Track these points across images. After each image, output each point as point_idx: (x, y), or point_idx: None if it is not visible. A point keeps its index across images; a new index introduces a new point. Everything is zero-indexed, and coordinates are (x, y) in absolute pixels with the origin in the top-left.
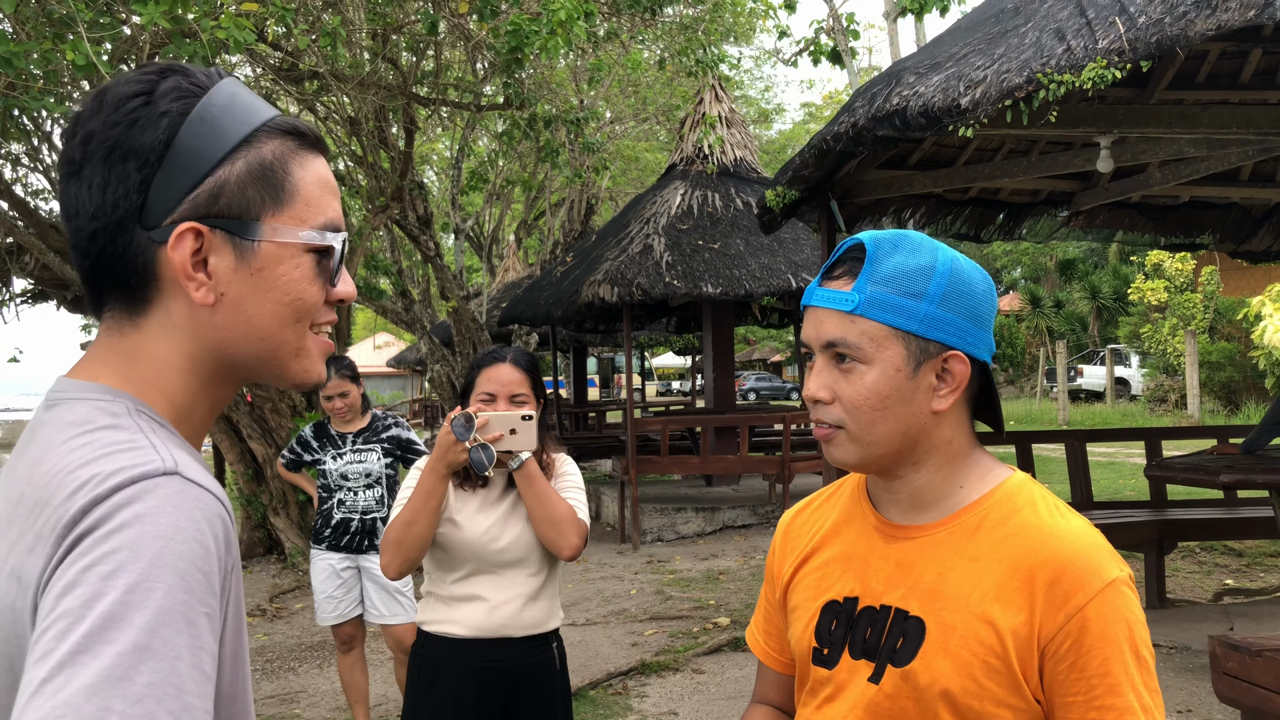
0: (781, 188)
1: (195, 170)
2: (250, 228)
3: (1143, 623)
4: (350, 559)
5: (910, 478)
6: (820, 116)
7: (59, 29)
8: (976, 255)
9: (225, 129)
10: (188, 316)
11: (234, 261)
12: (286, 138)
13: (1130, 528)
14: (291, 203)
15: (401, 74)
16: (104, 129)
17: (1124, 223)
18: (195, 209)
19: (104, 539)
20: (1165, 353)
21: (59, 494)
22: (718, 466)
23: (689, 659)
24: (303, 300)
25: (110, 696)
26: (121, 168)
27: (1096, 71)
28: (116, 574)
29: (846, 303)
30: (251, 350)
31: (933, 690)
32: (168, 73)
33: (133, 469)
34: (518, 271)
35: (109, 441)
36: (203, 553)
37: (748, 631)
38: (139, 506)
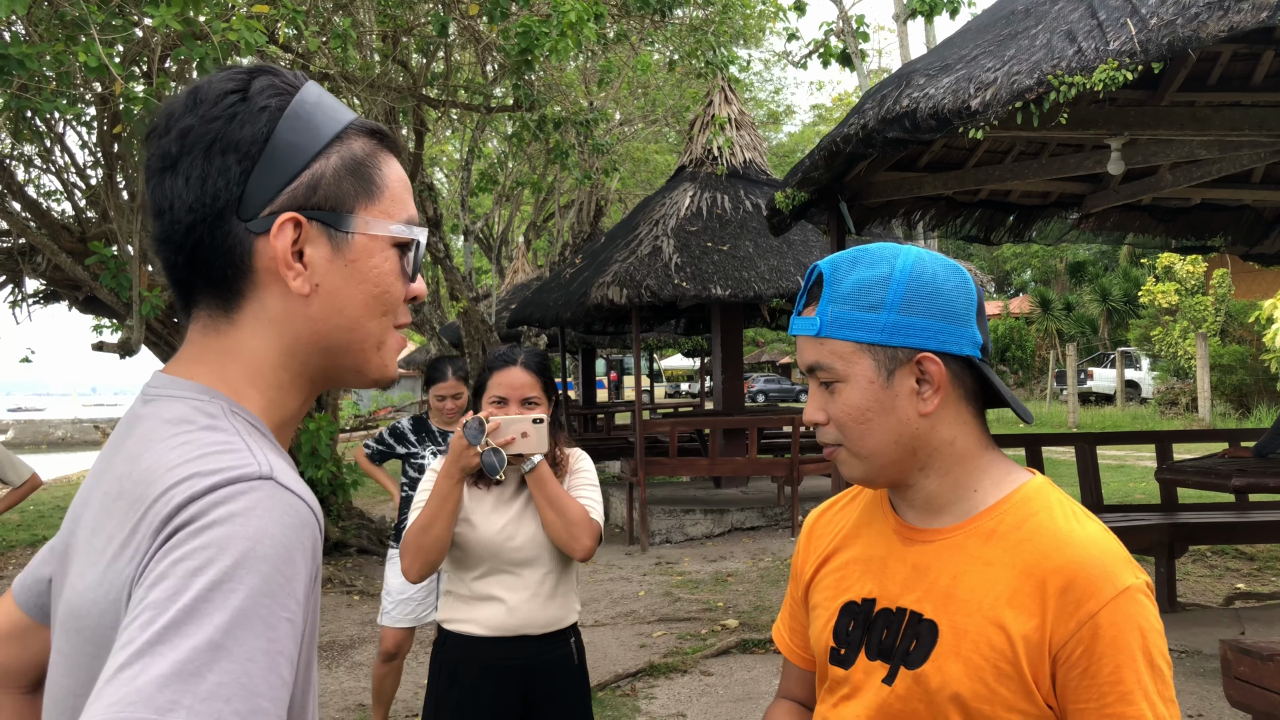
0: (791, 189)
1: (293, 163)
2: (345, 219)
3: (1159, 631)
4: None
5: (921, 483)
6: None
7: (71, 31)
8: (985, 257)
9: (319, 124)
10: (282, 308)
11: (329, 252)
12: (370, 137)
13: (1140, 531)
14: (380, 197)
15: (411, 76)
16: (202, 124)
17: (1135, 225)
18: (294, 200)
19: (194, 534)
20: (1176, 356)
21: (157, 489)
22: (726, 468)
23: (697, 661)
24: (389, 293)
25: (181, 690)
26: (221, 160)
27: (1107, 73)
28: (201, 570)
29: (812, 327)
30: (342, 340)
31: (944, 693)
32: (258, 72)
33: (230, 471)
34: (527, 273)
35: (208, 442)
36: (288, 558)
37: (774, 628)
38: (231, 506)
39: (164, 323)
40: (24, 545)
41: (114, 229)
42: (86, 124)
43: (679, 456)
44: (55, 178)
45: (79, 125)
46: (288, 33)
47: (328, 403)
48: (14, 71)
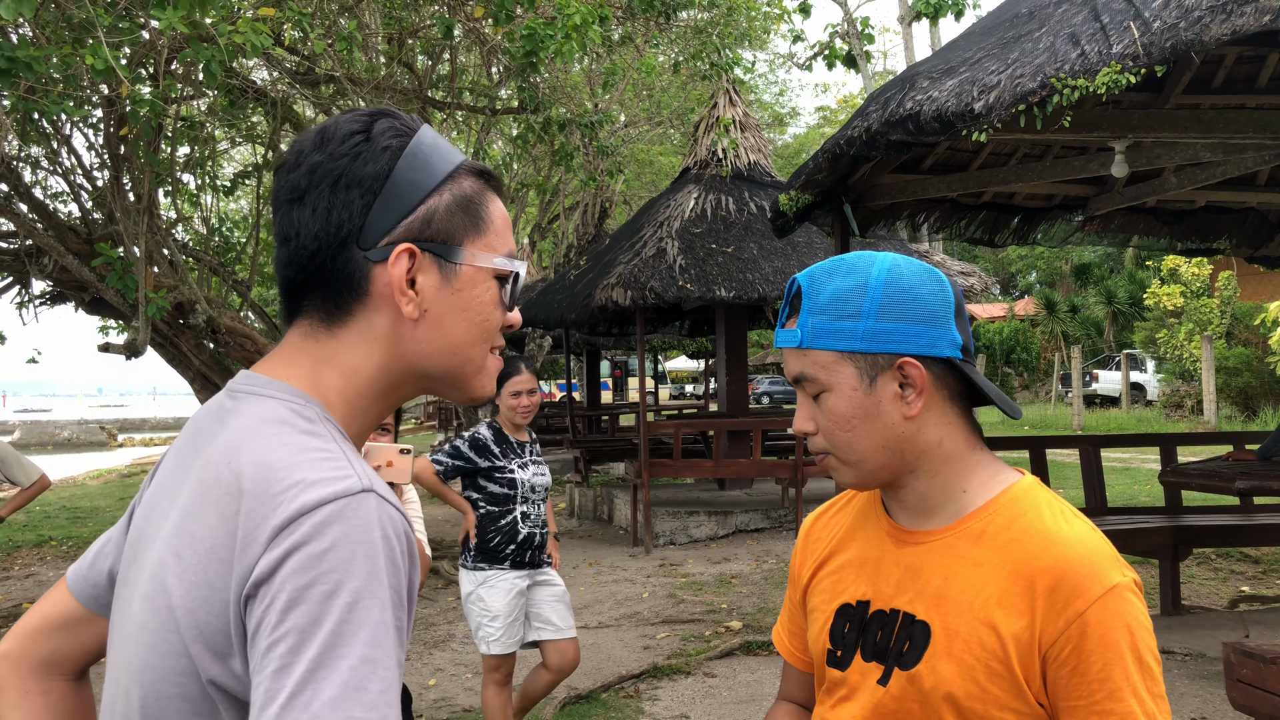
0: (795, 192)
1: (410, 199)
2: (454, 252)
3: (1147, 629)
4: (528, 575)
5: (911, 485)
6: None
7: (78, 34)
8: (991, 259)
9: (434, 164)
10: (389, 330)
11: (439, 281)
12: (478, 177)
13: (1144, 534)
14: (486, 232)
15: (417, 78)
16: (329, 160)
17: (1139, 227)
18: (409, 232)
19: (319, 558)
20: (1181, 358)
21: (265, 491)
22: (730, 470)
23: (701, 662)
24: (489, 321)
25: (351, 706)
26: (346, 195)
27: (1110, 76)
28: (336, 594)
29: (794, 339)
30: (443, 364)
31: (937, 693)
32: (380, 115)
33: (335, 484)
34: (532, 274)
35: (309, 446)
36: (397, 570)
37: (774, 631)
38: (346, 526)
39: (169, 324)
40: (30, 545)
41: (120, 230)
42: (93, 126)
43: (683, 458)
44: (62, 179)
45: (86, 127)
46: (293, 35)
47: None
48: (21, 74)
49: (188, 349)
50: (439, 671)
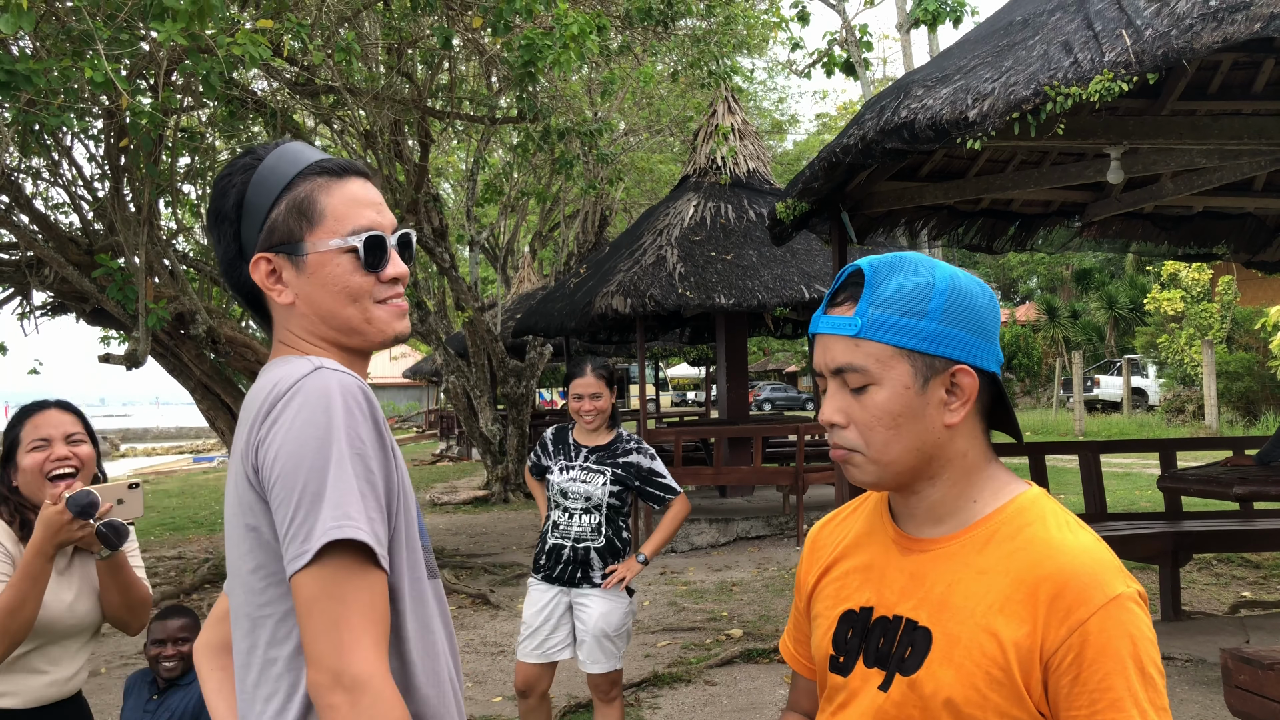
0: (792, 200)
1: (258, 217)
2: (298, 247)
3: (1150, 640)
4: (564, 592)
5: (927, 492)
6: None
7: (78, 46)
8: (991, 265)
9: (270, 185)
10: (285, 313)
11: (295, 272)
12: (318, 175)
13: (1144, 540)
14: (322, 221)
15: (416, 88)
16: (213, 202)
17: (1137, 233)
18: (265, 243)
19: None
20: (1182, 363)
21: (255, 400)
22: (731, 477)
23: (701, 670)
24: (349, 286)
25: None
26: (221, 227)
27: (1103, 84)
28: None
29: (850, 327)
30: (334, 325)
31: (937, 699)
32: (245, 154)
33: (295, 376)
34: (532, 283)
35: (282, 365)
36: (348, 416)
37: (780, 641)
38: (301, 397)
39: (170, 334)
40: None
41: (121, 241)
42: (93, 137)
43: (684, 465)
44: (63, 191)
45: (86, 139)
46: (293, 45)
47: None
48: (21, 87)
49: (188, 359)
50: None
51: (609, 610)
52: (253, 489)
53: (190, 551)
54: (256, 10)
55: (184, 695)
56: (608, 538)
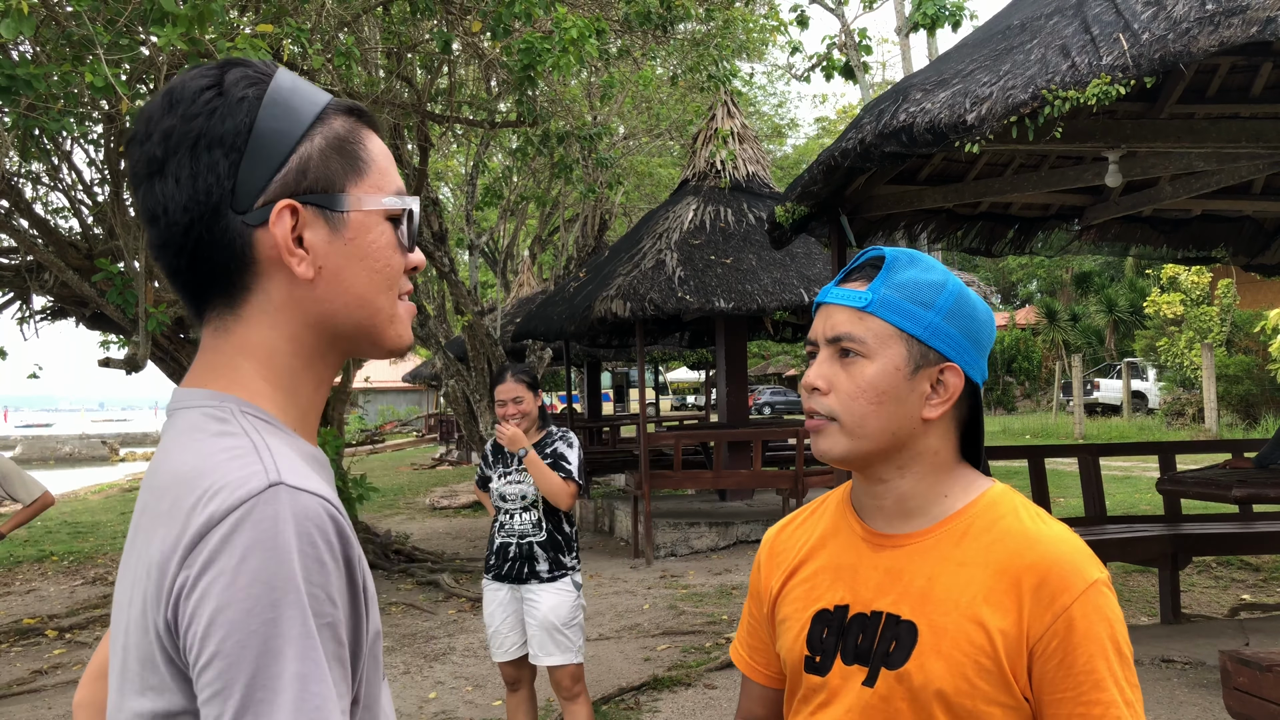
0: (791, 203)
1: (279, 150)
2: (338, 199)
3: (1121, 621)
4: (514, 589)
5: (895, 483)
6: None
7: (78, 51)
8: (991, 269)
9: (299, 108)
10: (288, 295)
11: (328, 234)
12: (349, 115)
13: (1143, 542)
14: (369, 172)
15: (416, 92)
16: (183, 123)
17: (1136, 236)
18: (285, 187)
19: (232, 575)
20: (1182, 366)
21: (179, 507)
22: (731, 481)
23: (701, 674)
24: (391, 266)
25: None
26: (209, 156)
27: (1100, 88)
28: (253, 611)
29: (859, 300)
30: (353, 319)
31: (927, 691)
32: (230, 65)
33: (239, 487)
34: (532, 287)
35: (217, 449)
36: (319, 563)
37: (731, 648)
38: (254, 532)
39: (170, 338)
40: (31, 560)
41: (120, 246)
42: (93, 142)
43: (684, 469)
44: (63, 195)
45: (86, 143)
46: (293, 50)
47: (333, 417)
48: (22, 91)
49: (188, 363)
50: (439, 684)
51: (557, 603)
52: (164, 653)
53: None
54: (256, 15)
55: None
56: (549, 531)
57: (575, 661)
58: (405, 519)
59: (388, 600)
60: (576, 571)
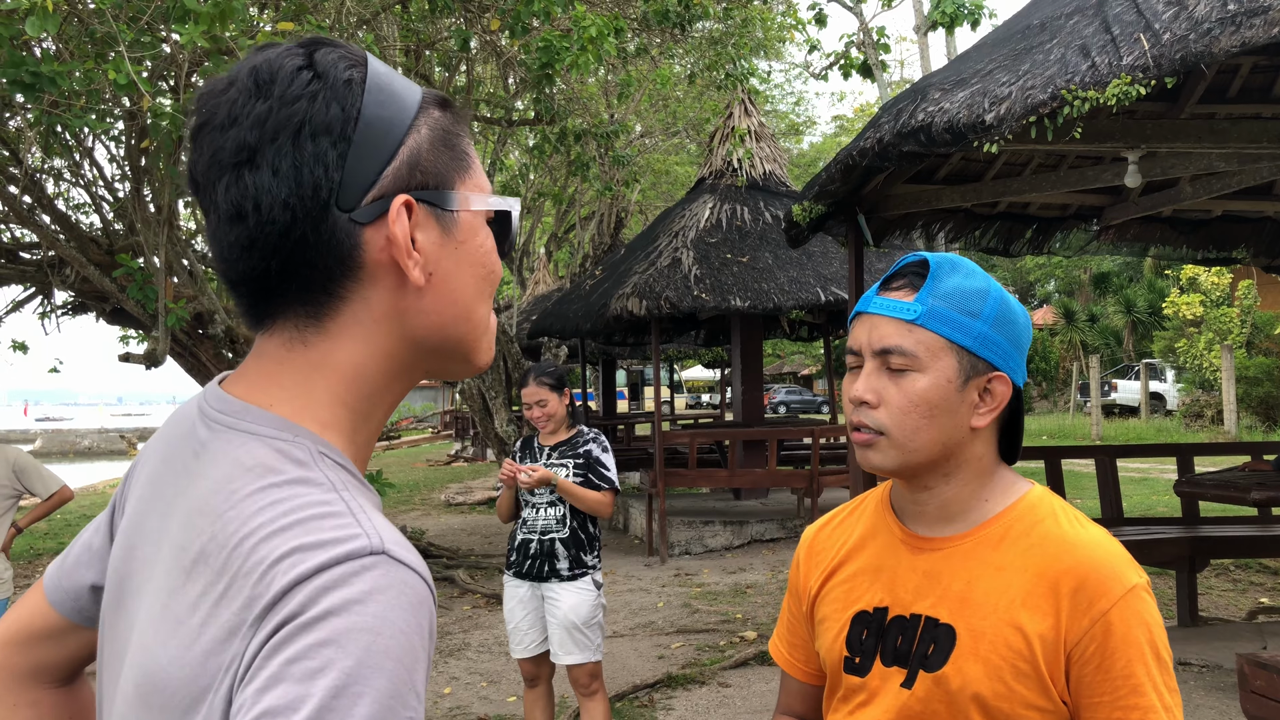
0: (808, 202)
1: (390, 140)
2: (449, 198)
3: (1161, 626)
4: (534, 587)
5: (940, 489)
6: (852, 129)
7: (100, 48)
8: (1009, 269)
9: (402, 95)
10: (392, 305)
11: (440, 235)
12: (444, 108)
13: (1161, 544)
14: (471, 169)
15: (434, 89)
16: (282, 105)
17: (1155, 237)
18: (399, 181)
19: (307, 628)
20: (1201, 368)
21: (254, 562)
22: (746, 480)
23: (715, 672)
24: (494, 273)
25: None
26: (314, 145)
27: (1121, 88)
28: (322, 672)
29: (909, 312)
30: (456, 332)
31: (965, 694)
32: (317, 44)
33: (338, 546)
34: (548, 284)
35: (304, 504)
36: (411, 648)
37: (771, 644)
38: (346, 592)
39: (189, 334)
40: (50, 553)
41: (141, 241)
42: (115, 139)
43: (698, 468)
44: (84, 191)
45: (107, 140)
46: None
47: None
48: (45, 88)
49: (206, 359)
50: (454, 680)
51: (578, 602)
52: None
53: None
54: (276, 13)
55: None
56: (573, 529)
57: (594, 659)
58: (421, 515)
59: None
60: (597, 570)
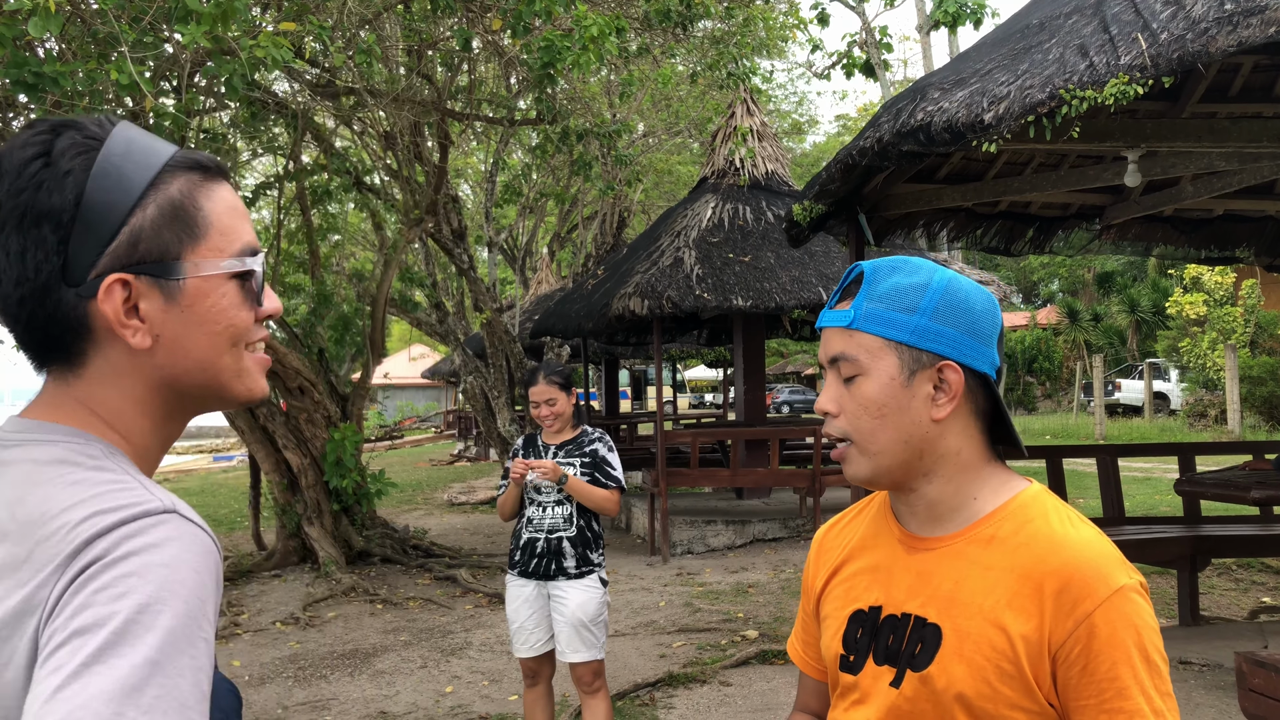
0: (808, 202)
1: (110, 222)
2: (172, 268)
3: (1154, 628)
4: (540, 586)
5: (923, 490)
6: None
7: (103, 49)
8: (1013, 268)
9: (130, 176)
10: (128, 362)
11: (163, 303)
12: (190, 172)
13: (1162, 544)
14: (207, 235)
15: (436, 89)
16: (10, 197)
17: (1157, 236)
18: (116, 260)
19: (112, 565)
20: (1205, 367)
21: (56, 526)
22: (748, 479)
23: (716, 671)
24: (234, 326)
25: (124, 704)
26: (36, 232)
27: (1118, 87)
28: (126, 595)
29: (844, 319)
30: (196, 382)
31: (949, 694)
32: (60, 129)
33: (134, 506)
34: (550, 284)
35: (101, 480)
36: (201, 584)
37: (789, 642)
38: (144, 539)
39: None
40: None
41: None
42: None
43: (701, 467)
44: None
45: None
46: (314, 47)
47: (352, 413)
48: (48, 89)
49: None
50: (456, 679)
51: (585, 600)
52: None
53: None
54: (279, 13)
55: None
56: (579, 527)
57: (598, 657)
58: (423, 514)
59: (405, 595)
60: (602, 569)
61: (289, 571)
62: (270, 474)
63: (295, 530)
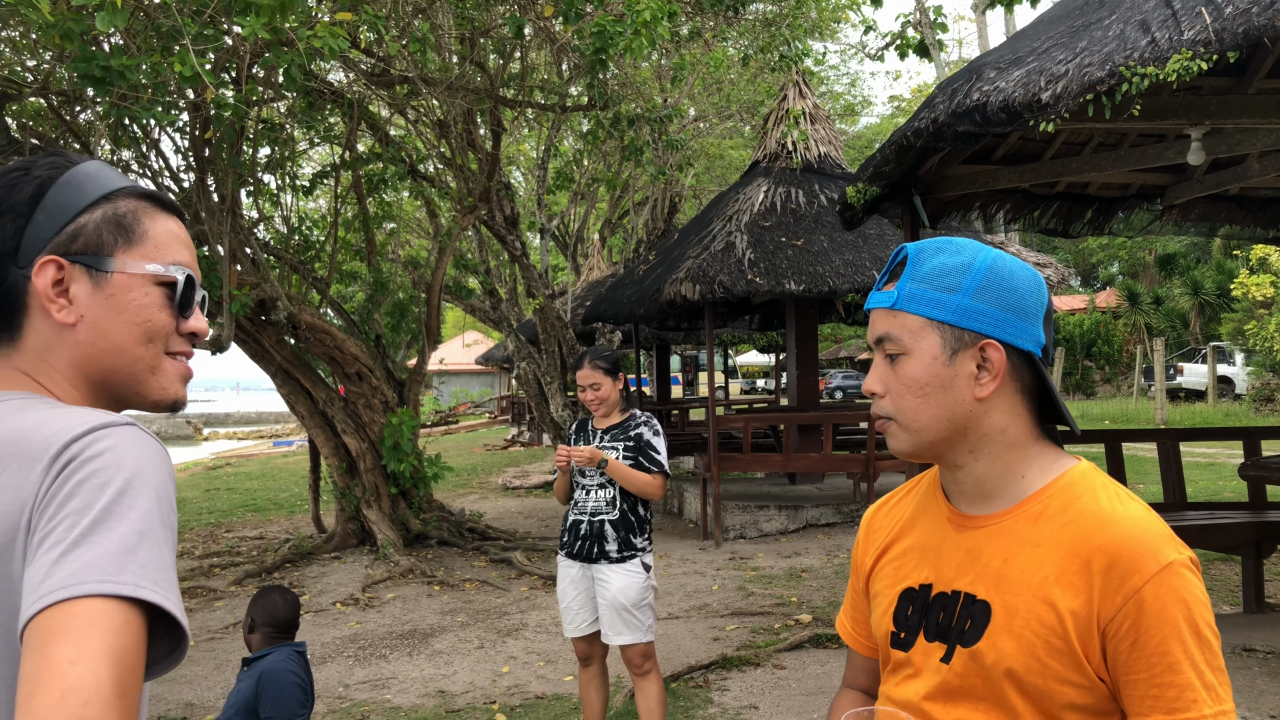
0: (862, 184)
1: (60, 219)
2: (104, 261)
3: (1204, 603)
4: (585, 568)
5: (970, 467)
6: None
7: (166, 42)
8: (1071, 250)
9: (87, 189)
10: (56, 336)
11: (90, 288)
12: (145, 200)
13: (1226, 529)
14: (142, 243)
15: (488, 77)
16: None
17: (1222, 216)
18: (57, 247)
19: (90, 460)
20: (1272, 350)
21: (35, 441)
22: (800, 464)
23: (770, 654)
24: (152, 322)
25: (123, 561)
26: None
27: (1181, 63)
28: (107, 484)
29: (888, 300)
30: (112, 365)
31: (998, 669)
32: (47, 155)
33: (100, 418)
34: (602, 270)
35: (63, 409)
36: (166, 477)
37: (838, 620)
38: (114, 439)
39: (252, 320)
40: None
41: (205, 230)
42: (180, 130)
43: (753, 453)
44: (150, 181)
45: (173, 131)
46: (369, 37)
47: (409, 398)
48: (114, 82)
49: (269, 344)
50: (512, 659)
51: (626, 584)
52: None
53: (271, 532)
54: (335, 3)
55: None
56: (622, 511)
57: (646, 640)
58: (479, 498)
59: (462, 577)
60: (647, 553)
61: (348, 553)
62: (329, 458)
63: (354, 513)
